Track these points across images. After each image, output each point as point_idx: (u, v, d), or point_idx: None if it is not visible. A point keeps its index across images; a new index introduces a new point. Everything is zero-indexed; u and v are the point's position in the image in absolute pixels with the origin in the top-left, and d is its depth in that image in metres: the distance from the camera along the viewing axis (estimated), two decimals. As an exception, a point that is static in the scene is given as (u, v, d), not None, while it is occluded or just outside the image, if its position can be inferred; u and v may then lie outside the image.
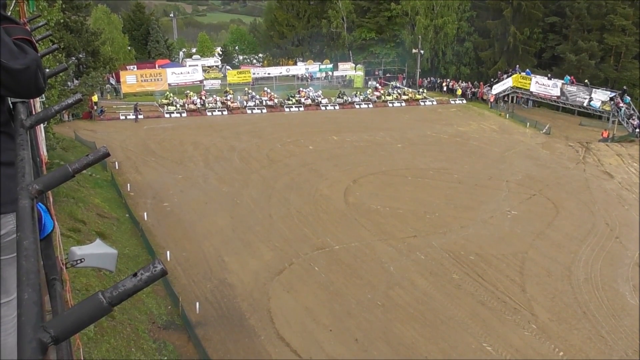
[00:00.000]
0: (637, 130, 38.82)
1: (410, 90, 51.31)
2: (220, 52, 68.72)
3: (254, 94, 47.13)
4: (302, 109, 45.82)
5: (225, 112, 43.71)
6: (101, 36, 43.39)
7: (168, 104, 43.50)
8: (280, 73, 54.71)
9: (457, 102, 48.98)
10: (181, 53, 72.09)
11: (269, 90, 48.27)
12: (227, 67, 57.48)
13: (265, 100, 45.73)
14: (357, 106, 46.16)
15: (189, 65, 53.32)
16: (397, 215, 25.21)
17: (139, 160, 30.98)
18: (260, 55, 68.41)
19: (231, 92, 47.41)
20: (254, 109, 44.72)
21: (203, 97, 45.97)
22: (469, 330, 17.15)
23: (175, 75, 49.03)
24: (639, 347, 13.94)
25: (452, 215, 25.50)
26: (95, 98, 39.79)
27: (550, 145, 36.89)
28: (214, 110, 43.80)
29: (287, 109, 45.04)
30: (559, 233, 24.12)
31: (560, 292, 19.50)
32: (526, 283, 19.98)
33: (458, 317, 17.77)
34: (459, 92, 51.27)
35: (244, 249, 21.79)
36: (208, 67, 53.76)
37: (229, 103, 44.72)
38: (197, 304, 17.43)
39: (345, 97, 47.57)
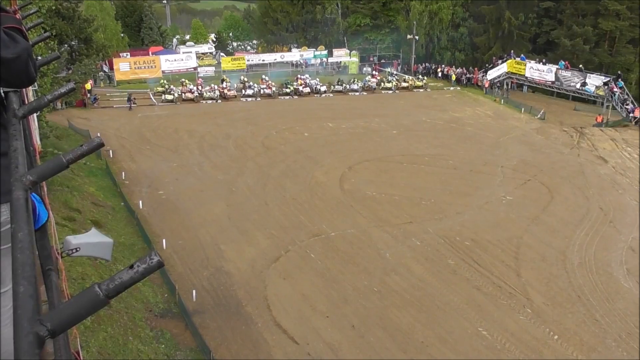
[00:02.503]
0: (631, 115, 38.89)
1: (410, 77, 50.35)
2: (214, 39, 68.23)
3: (251, 83, 45.76)
4: (298, 97, 44.96)
5: (219, 101, 42.66)
6: (94, 23, 42.92)
7: (164, 92, 42.41)
8: (275, 60, 54.42)
9: (452, 88, 48.88)
10: (175, 40, 71.57)
11: (267, 78, 47.06)
12: (221, 53, 57.14)
13: (263, 89, 44.61)
14: (352, 93, 45.94)
15: (183, 52, 52.98)
16: (392, 202, 25.25)
17: (133, 149, 30.85)
18: (255, 41, 68.02)
19: (227, 80, 46.16)
20: (254, 97, 43.82)
21: (200, 87, 44.91)
22: (464, 315, 17.27)
23: (169, 63, 48.71)
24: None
25: (447, 201, 25.57)
26: (88, 86, 39.50)
27: (544, 130, 36.93)
28: (210, 100, 42.61)
29: (282, 97, 44.25)
30: (554, 218, 24.24)
31: (555, 277, 19.64)
32: (521, 268, 20.11)
33: (454, 302, 17.88)
34: (454, 77, 51.20)
35: (240, 236, 21.80)
36: (202, 54, 53.35)
37: (225, 91, 43.76)
38: (194, 292, 17.46)
39: (344, 85, 46.56)
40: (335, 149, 32.03)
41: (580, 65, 44.43)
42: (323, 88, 45.68)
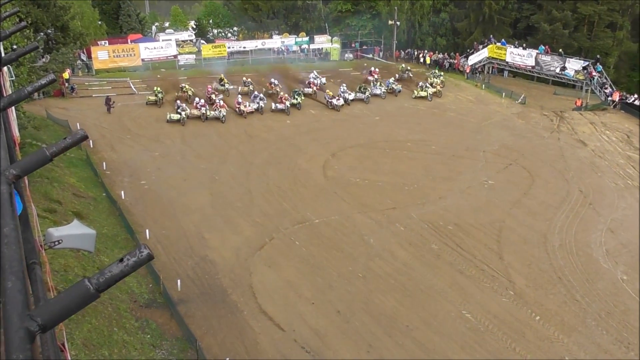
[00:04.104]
0: (610, 98, 39.36)
1: (438, 81, 42.74)
2: (194, 26, 67.34)
3: (256, 92, 37.54)
4: (315, 111, 36.80)
5: (224, 118, 34.09)
6: (70, 10, 42.02)
7: (156, 102, 36.39)
8: (256, 47, 53.87)
9: (433, 72, 48.91)
10: (154, 27, 70.45)
11: (276, 82, 40.30)
12: (202, 41, 56.41)
13: (276, 105, 36.05)
14: (338, 80, 45.76)
15: (163, 40, 52.18)
16: (376, 188, 25.36)
17: (114, 138, 30.49)
18: (235, 28, 67.27)
19: (226, 81, 40.34)
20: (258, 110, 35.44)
21: (213, 96, 36.99)
22: (448, 298, 17.50)
23: (148, 50, 47.97)
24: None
25: (430, 186, 25.75)
26: (66, 75, 38.80)
27: (525, 114, 37.25)
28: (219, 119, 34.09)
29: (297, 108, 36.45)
30: (535, 201, 24.56)
31: (536, 259, 19.96)
32: (503, 251, 20.39)
33: (438, 286, 18.10)
34: (428, 60, 51.59)
35: (224, 225, 21.76)
36: (182, 41, 52.55)
37: (242, 108, 35.04)
38: (179, 281, 17.43)
39: (367, 92, 39.27)
40: (318, 136, 32.00)
41: (560, 50, 44.75)
42: (350, 96, 38.39)
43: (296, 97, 36.94)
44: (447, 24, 56.55)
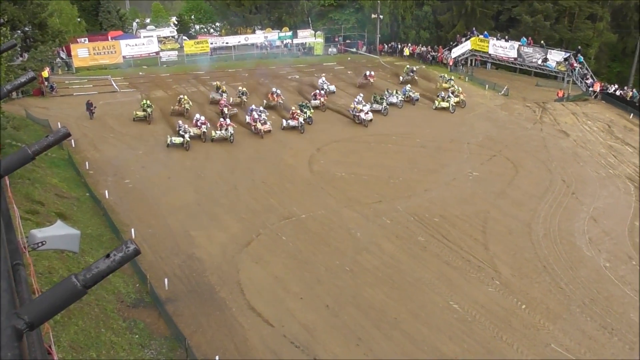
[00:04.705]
0: (591, 89, 39.79)
1: (460, 89, 37.97)
2: (176, 22, 66.81)
3: (254, 106, 33.53)
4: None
5: (231, 138, 29.89)
6: (48, 7, 41.39)
7: (146, 117, 32.70)
8: (239, 42, 53.63)
9: (417, 67, 49.06)
10: (135, 24, 69.81)
11: (278, 92, 36.24)
12: (184, 37, 55.98)
13: (288, 121, 31.88)
14: (322, 74, 45.70)
15: (144, 37, 51.74)
16: (362, 182, 25.42)
17: (96, 137, 30.17)
18: (218, 24, 66.85)
19: (225, 89, 36.85)
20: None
21: (226, 110, 33.17)
22: (436, 290, 17.63)
23: (129, 47, 47.50)
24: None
25: (415, 179, 25.87)
26: (45, 74, 38.25)
27: (508, 106, 37.51)
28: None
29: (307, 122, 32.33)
30: (519, 191, 24.79)
31: (521, 248, 20.18)
32: (489, 241, 20.57)
33: (425, 278, 18.22)
34: (407, 52, 51.83)
35: (210, 222, 21.68)
36: (164, 37, 52.13)
37: (258, 126, 30.87)
38: (166, 280, 17.35)
39: (384, 103, 35.33)
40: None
41: (542, 42, 45.14)
42: (366, 108, 33.71)
43: (305, 110, 33.09)
44: (430, 17, 56.69)
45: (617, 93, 38.87)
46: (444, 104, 35.98)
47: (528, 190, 24.93)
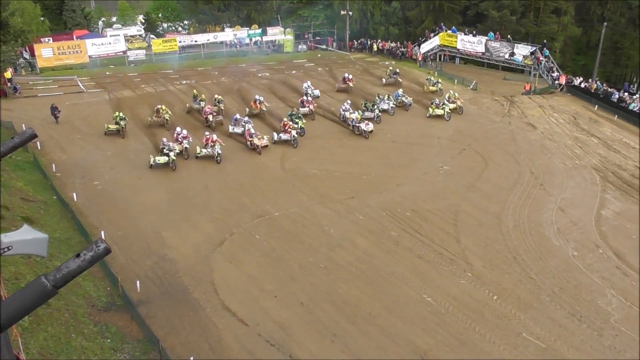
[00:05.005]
0: (557, 82, 40.57)
1: (456, 95, 35.70)
2: (143, 21, 65.81)
3: (238, 115, 31.15)
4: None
5: (218, 158, 27.07)
6: (9, 6, 40.34)
7: (120, 130, 30.05)
8: (208, 40, 53.17)
9: (387, 63, 49.37)
10: (100, 23, 68.51)
11: (261, 99, 33.72)
12: (152, 35, 55.19)
13: (280, 135, 29.31)
14: (292, 71, 45.62)
15: (110, 36, 50.81)
16: (334, 178, 25.47)
17: (63, 139, 29.54)
18: (186, 22, 66.10)
19: (203, 97, 34.60)
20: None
21: (211, 117, 31.30)
22: (409, 283, 17.78)
23: (95, 47, 46.64)
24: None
25: (387, 174, 26.02)
26: (8, 75, 37.35)
27: (477, 100, 37.99)
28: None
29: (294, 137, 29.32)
30: (489, 184, 25.16)
31: (492, 240, 20.48)
32: (460, 234, 20.82)
33: (398, 272, 18.36)
34: (375, 47, 52.17)
35: (182, 222, 21.46)
36: (131, 36, 51.25)
37: (255, 141, 28.15)
38: (138, 282, 17.12)
39: (376, 110, 33.00)
40: (275, 128, 31.78)
41: (509, 36, 45.85)
42: (354, 115, 31.52)
43: (296, 121, 30.66)
44: (399, 13, 57.10)
45: (582, 85, 39.75)
46: (439, 111, 33.69)
47: (497, 183, 25.31)
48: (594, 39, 51.08)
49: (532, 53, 42.56)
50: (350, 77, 39.56)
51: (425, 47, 48.70)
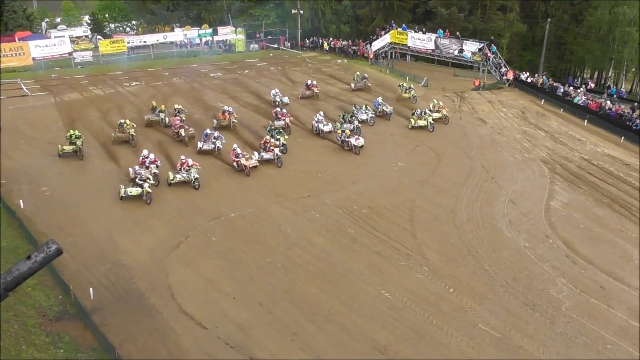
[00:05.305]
0: (505, 77, 41.71)
1: (441, 104, 33.71)
2: (89, 21, 63.99)
3: (209, 130, 28.77)
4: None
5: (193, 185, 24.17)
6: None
7: (77, 151, 27.08)
8: (158, 40, 52.24)
9: (339, 61, 49.67)
10: (44, 23, 66.22)
11: (230, 110, 31.64)
12: (98, 36, 53.76)
13: (262, 153, 26.53)
14: (245, 71, 45.27)
15: (55, 37, 49.24)
16: (289, 177, 25.43)
17: (7, 144, 28.39)
18: (134, 22, 64.66)
19: (163, 108, 31.89)
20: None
21: (182, 132, 28.78)
22: (367, 280, 17.91)
23: (39, 49, 45.11)
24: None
25: (342, 171, 26.16)
26: (-53, 79, 35.81)
27: (429, 97, 38.57)
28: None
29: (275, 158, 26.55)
30: (442, 179, 25.62)
31: (447, 234, 20.86)
32: (416, 229, 21.13)
33: (356, 269, 18.48)
34: (326, 45, 52.58)
35: (135, 227, 20.99)
36: (76, 37, 49.83)
37: (243, 162, 25.45)
38: (91, 289, 16.66)
39: (355, 122, 30.73)
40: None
41: (457, 33, 46.84)
42: (327, 128, 30.39)
43: (278, 137, 28.07)
44: (350, 11, 57.57)
45: (529, 80, 40.99)
46: (422, 122, 31.55)
47: (451, 178, 25.80)
48: (539, 35, 52.75)
49: (480, 49, 43.60)
50: (315, 82, 37.95)
51: (377, 45, 49.22)
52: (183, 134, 28.99)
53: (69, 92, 37.61)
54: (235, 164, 25.85)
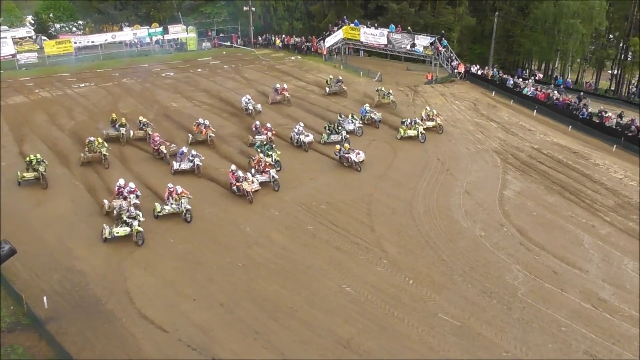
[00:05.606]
0: (456, 70, 42.49)
1: (435, 112, 31.74)
2: (33, 21, 61.80)
3: (185, 148, 26.10)
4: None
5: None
6: None
7: (40, 178, 23.72)
8: (106, 40, 50.95)
9: (293, 58, 49.61)
10: (-17, 25, 63.69)
11: (206, 123, 29.01)
12: (43, 37, 51.96)
13: (257, 177, 23.50)
14: (198, 70, 44.63)
15: (-4, 39, 47.38)
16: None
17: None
18: (81, 22, 62.80)
19: (123, 121, 29.17)
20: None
21: (163, 148, 26.40)
22: (328, 275, 17.99)
23: (-20, 51, 43.36)
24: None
25: (300, 169, 26.15)
26: None
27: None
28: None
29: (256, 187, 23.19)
30: (398, 173, 25.94)
31: (405, 227, 21.15)
32: (374, 223, 21.33)
33: (316, 265, 18.53)
34: (278, 42, 52.50)
35: (90, 232, 20.44)
36: (20, 38, 48.01)
37: (244, 187, 22.57)
38: (45, 298, 16.16)
39: (342, 129, 29.16)
40: (186, 126, 31.00)
41: (409, 28, 47.44)
42: (308, 139, 28.45)
43: (270, 154, 25.56)
44: (302, 8, 57.51)
45: (480, 73, 41.87)
46: (411, 132, 29.50)
47: (407, 171, 26.14)
48: (488, 28, 53.87)
49: (431, 44, 44.27)
50: (285, 86, 35.97)
51: (330, 41, 49.37)
52: (165, 151, 26.38)
53: (14, 95, 36.28)
54: (235, 187, 23.03)
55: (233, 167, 23.70)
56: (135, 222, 19.55)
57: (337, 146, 26.71)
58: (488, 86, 39.65)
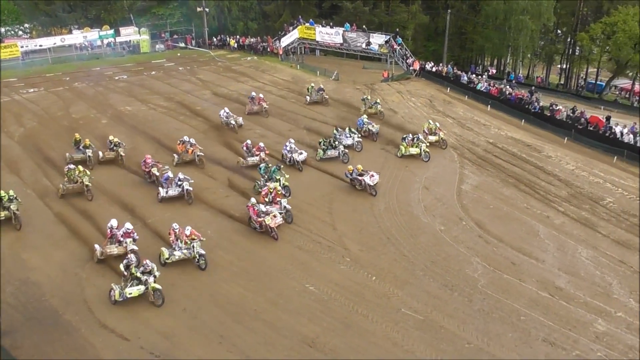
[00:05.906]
0: (411, 68, 43.05)
1: (437, 125, 29.36)
2: (-25, 25, 59.56)
3: (169, 173, 23.28)
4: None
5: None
6: None
7: (11, 217, 20.53)
8: (55, 44, 49.48)
9: (249, 58, 49.31)
10: None
11: (192, 141, 26.42)
12: (-13, 42, 50.10)
13: (267, 207, 20.67)
14: (152, 72, 43.80)
15: None
16: (205, 179, 24.95)
17: None
18: (27, 25, 60.80)
19: (88, 142, 25.94)
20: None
21: (155, 170, 23.78)
22: (291, 275, 17.97)
23: None
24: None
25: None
26: None
27: (340, 90, 39.16)
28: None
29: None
30: (359, 170, 26.02)
31: (366, 224, 21.31)
32: (336, 221, 21.41)
33: (279, 265, 18.48)
34: (232, 43, 52.40)
35: (44, 241, 19.82)
36: (-38, 43, 46.27)
37: (267, 222, 19.87)
38: (-3, 312, 15.57)
39: (340, 147, 27.01)
40: (147, 128, 30.37)
41: (364, 26, 47.81)
42: (302, 157, 26.10)
43: (277, 178, 22.89)
44: (256, 8, 57.23)
45: (434, 70, 42.56)
46: (414, 150, 27.20)
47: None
48: (441, 25, 54.78)
49: (386, 42, 44.71)
50: (262, 96, 33.83)
51: (286, 40, 49.28)
52: (157, 174, 23.79)
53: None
54: (257, 225, 20.27)
55: (253, 200, 20.94)
56: (151, 278, 16.49)
57: (350, 167, 24.25)
58: (443, 82, 40.34)
